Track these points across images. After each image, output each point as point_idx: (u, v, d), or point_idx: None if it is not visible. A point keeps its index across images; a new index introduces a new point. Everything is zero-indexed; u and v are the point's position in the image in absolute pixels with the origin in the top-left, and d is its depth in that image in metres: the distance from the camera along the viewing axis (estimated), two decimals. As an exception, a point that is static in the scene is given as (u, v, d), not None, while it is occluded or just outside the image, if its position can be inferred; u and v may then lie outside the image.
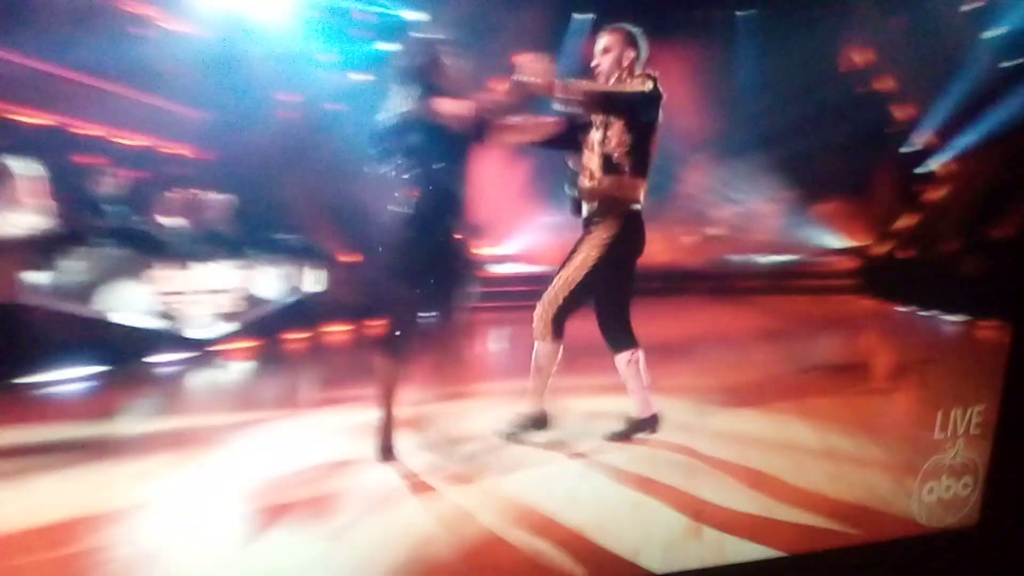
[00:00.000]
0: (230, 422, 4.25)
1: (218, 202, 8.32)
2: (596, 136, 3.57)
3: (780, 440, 3.65)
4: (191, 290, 6.92)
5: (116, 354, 5.95)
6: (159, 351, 6.40)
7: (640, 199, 3.59)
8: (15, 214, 5.39)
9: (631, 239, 3.58)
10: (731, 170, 13.88)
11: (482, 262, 12.14)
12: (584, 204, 3.65)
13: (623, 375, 3.63)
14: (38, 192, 5.53)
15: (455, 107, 3.27)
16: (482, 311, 4.07)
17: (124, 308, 6.24)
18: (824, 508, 2.82)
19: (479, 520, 2.81)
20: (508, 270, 12.65)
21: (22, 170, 5.43)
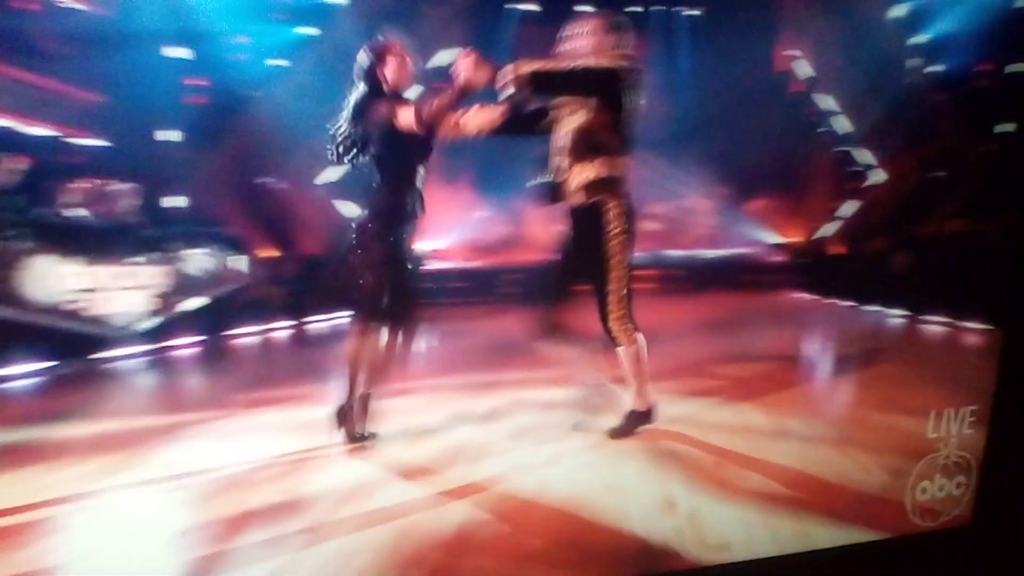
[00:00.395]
0: (148, 425, 4.13)
1: (125, 191, 7.72)
2: (575, 118, 3.45)
3: (770, 436, 3.65)
4: (104, 287, 6.40)
5: (25, 355, 5.57)
6: (70, 352, 5.97)
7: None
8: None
9: (633, 220, 3.51)
10: (669, 165, 13.99)
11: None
12: (568, 189, 3.53)
13: (624, 366, 3.60)
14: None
15: (403, 111, 3.36)
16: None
17: (31, 307, 5.76)
18: (817, 506, 2.79)
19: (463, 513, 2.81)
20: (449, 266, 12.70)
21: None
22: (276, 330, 8.29)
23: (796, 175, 13.82)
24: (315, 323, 8.83)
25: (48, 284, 5.90)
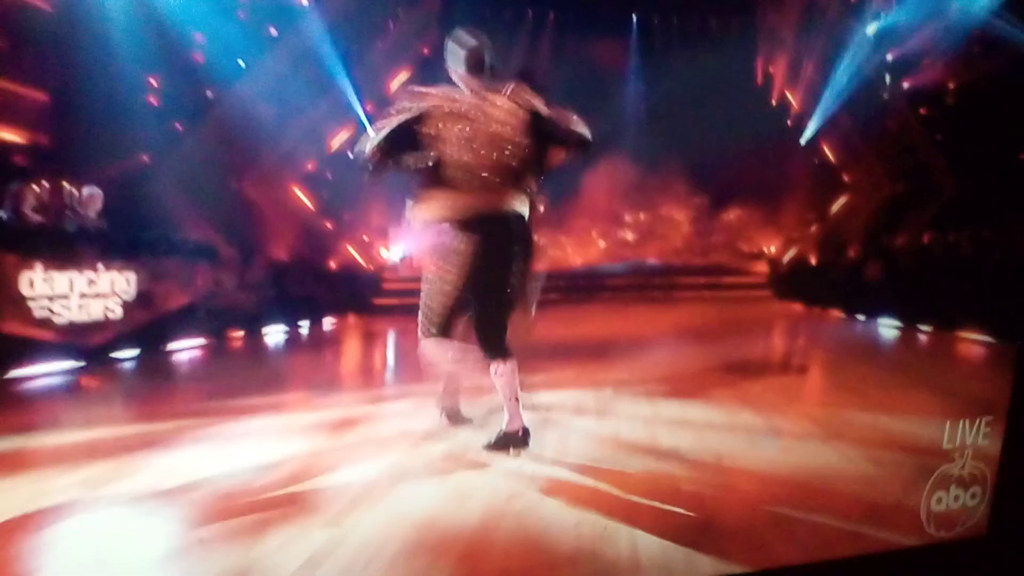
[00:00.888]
0: (119, 435, 3.99)
1: (88, 197, 7.45)
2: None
3: (782, 447, 3.64)
4: (72, 294, 6.15)
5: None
6: (37, 361, 5.75)
7: None
8: None
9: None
10: (644, 175, 14.11)
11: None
12: None
13: (495, 385, 3.58)
14: None
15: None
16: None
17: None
18: (832, 517, 2.77)
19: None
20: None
21: None
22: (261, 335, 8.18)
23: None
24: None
25: (12, 290, 5.65)
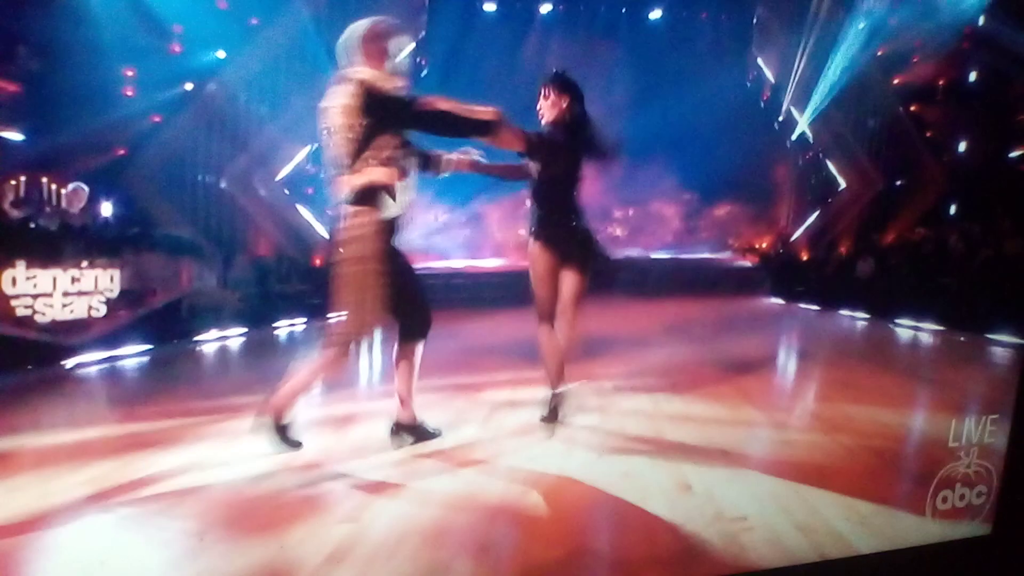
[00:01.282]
0: (125, 434, 3.94)
1: (73, 193, 7.32)
2: None
3: (785, 447, 3.63)
4: (56, 292, 6.01)
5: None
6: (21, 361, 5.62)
7: None
8: None
9: None
10: (636, 171, 14.09)
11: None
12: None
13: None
14: None
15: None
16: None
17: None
18: (837, 515, 2.78)
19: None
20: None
21: None
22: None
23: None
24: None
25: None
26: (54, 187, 7.82)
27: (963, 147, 10.97)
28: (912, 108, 11.75)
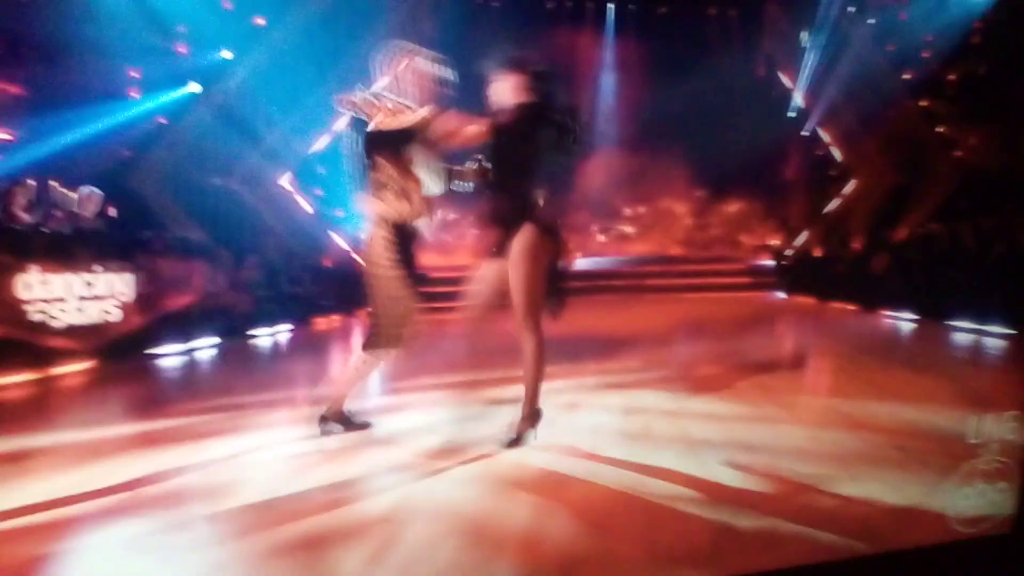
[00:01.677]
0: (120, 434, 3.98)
1: (86, 197, 7.34)
2: None
3: (805, 444, 3.58)
4: (69, 296, 6.03)
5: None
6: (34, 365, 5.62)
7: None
8: None
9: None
10: (646, 167, 14.08)
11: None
12: None
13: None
14: None
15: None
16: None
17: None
18: (857, 514, 2.74)
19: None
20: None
21: None
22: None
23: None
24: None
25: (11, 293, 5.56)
26: (65, 191, 7.83)
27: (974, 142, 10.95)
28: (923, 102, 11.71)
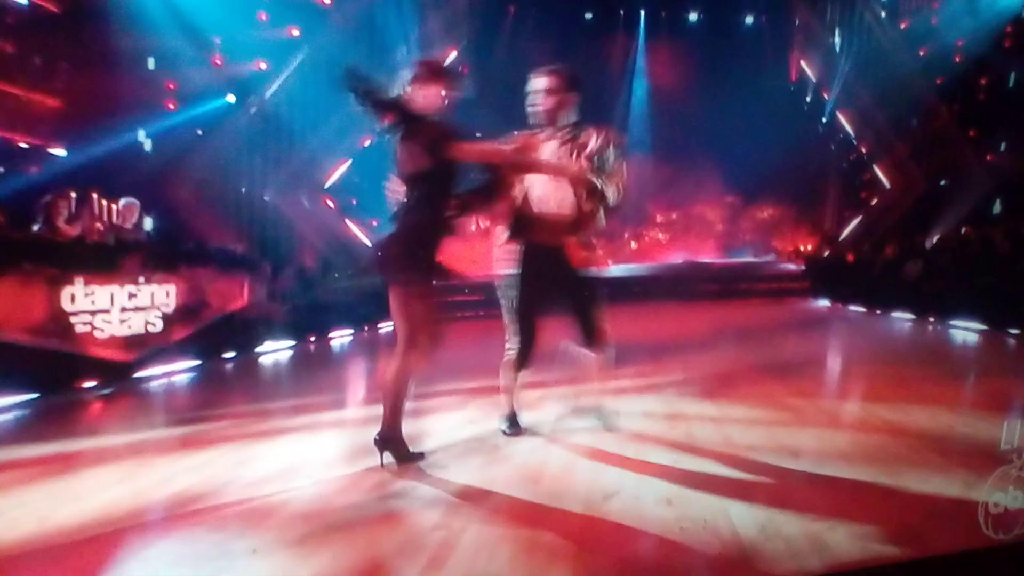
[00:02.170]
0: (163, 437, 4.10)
1: (126, 208, 7.49)
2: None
3: (837, 450, 3.57)
4: (114, 308, 6.14)
5: (37, 382, 5.33)
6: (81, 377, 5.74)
7: None
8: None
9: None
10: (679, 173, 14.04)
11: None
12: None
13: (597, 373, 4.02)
14: None
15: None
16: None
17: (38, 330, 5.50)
18: (889, 519, 2.71)
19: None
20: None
21: None
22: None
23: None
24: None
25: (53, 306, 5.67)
26: (105, 203, 8.00)
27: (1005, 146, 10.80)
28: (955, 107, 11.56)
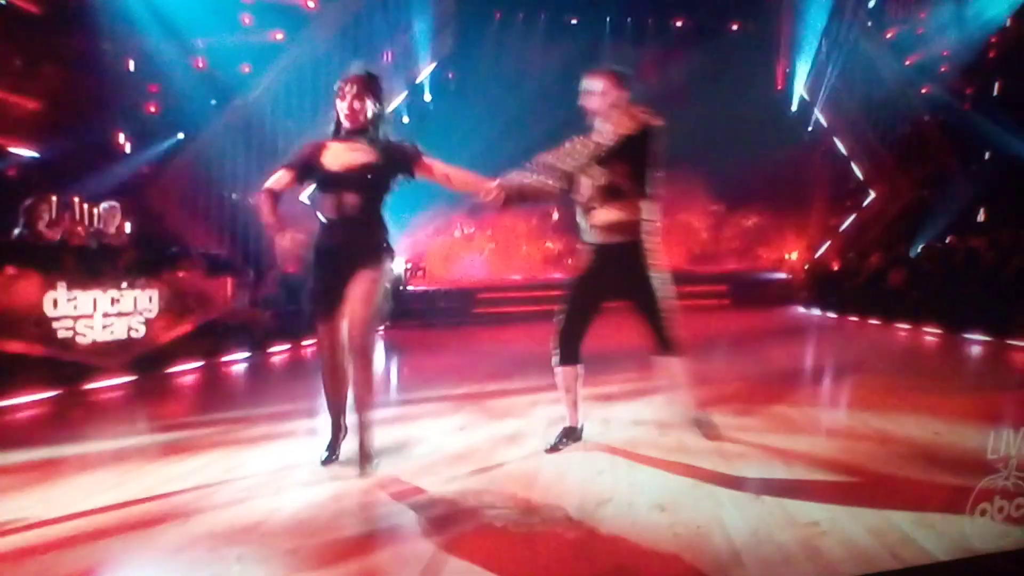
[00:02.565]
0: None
1: (108, 211, 7.42)
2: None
3: (835, 459, 3.56)
4: (93, 313, 6.07)
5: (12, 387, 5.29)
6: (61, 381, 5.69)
7: None
8: None
9: None
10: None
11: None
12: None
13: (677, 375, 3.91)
14: None
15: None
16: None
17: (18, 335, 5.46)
18: (875, 528, 2.71)
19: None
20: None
21: None
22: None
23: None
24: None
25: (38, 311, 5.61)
26: (86, 206, 7.91)
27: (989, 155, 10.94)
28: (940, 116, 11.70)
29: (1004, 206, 10.15)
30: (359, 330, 3.36)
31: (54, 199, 6.90)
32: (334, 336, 3.46)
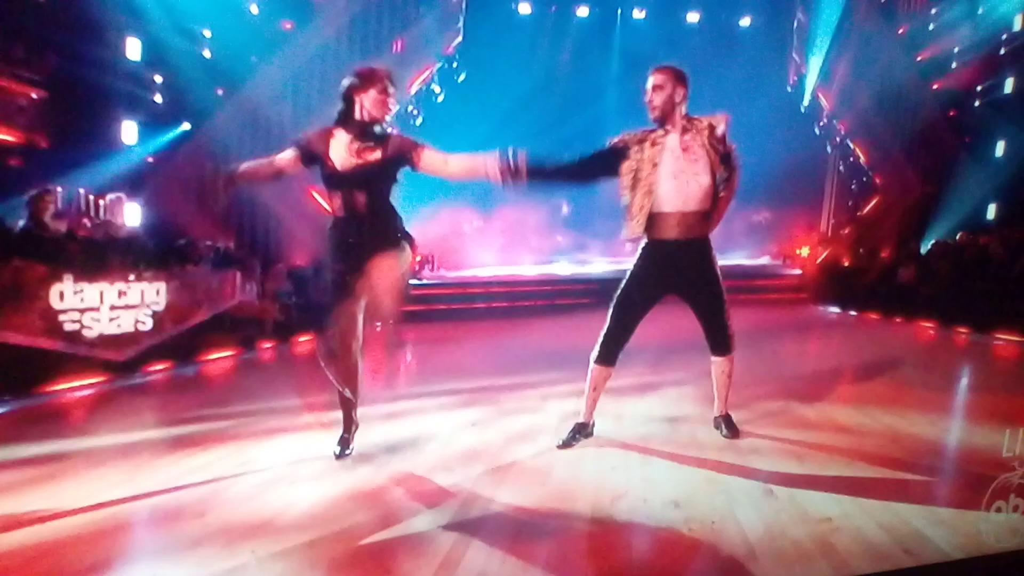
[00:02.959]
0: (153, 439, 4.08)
1: (113, 202, 7.41)
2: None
3: (848, 455, 3.55)
4: (102, 306, 6.03)
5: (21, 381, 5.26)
6: (69, 375, 5.66)
7: None
8: None
9: None
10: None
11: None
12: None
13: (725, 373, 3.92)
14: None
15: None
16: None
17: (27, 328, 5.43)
18: (893, 525, 2.71)
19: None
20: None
21: None
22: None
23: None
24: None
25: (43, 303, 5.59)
26: (92, 198, 7.88)
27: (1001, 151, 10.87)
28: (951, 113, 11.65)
29: (1015, 203, 10.10)
30: (384, 300, 3.40)
31: (59, 190, 6.86)
32: (349, 328, 3.45)
